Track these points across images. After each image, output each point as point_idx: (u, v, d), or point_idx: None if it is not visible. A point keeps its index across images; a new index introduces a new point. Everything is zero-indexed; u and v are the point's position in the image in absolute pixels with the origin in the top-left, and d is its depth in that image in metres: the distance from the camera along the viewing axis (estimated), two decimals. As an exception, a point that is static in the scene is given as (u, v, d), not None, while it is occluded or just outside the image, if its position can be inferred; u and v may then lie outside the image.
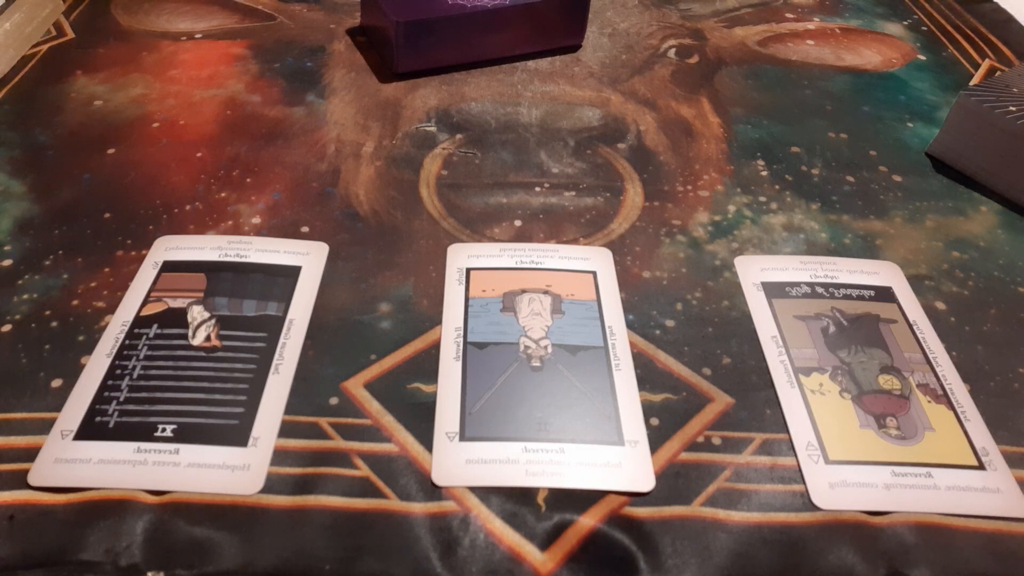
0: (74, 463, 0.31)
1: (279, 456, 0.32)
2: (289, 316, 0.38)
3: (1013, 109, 0.48)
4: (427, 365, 0.36)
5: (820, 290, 0.41)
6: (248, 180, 0.46)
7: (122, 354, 0.35)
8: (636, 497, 0.31)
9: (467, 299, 0.39)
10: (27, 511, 0.30)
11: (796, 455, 0.33)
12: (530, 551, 0.30)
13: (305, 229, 0.43)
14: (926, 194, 0.49)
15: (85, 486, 0.30)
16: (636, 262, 0.42)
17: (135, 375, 0.34)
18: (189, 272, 0.39)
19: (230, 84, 0.55)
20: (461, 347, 0.37)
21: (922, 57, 0.64)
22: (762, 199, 0.47)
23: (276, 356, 0.36)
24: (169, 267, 0.40)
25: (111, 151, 0.48)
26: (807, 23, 0.68)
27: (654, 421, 0.34)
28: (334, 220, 0.44)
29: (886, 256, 0.44)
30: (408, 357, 0.36)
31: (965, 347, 0.39)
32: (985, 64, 0.63)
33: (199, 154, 0.48)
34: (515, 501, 0.31)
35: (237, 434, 0.32)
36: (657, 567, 0.29)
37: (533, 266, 0.41)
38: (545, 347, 0.37)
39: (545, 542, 0.30)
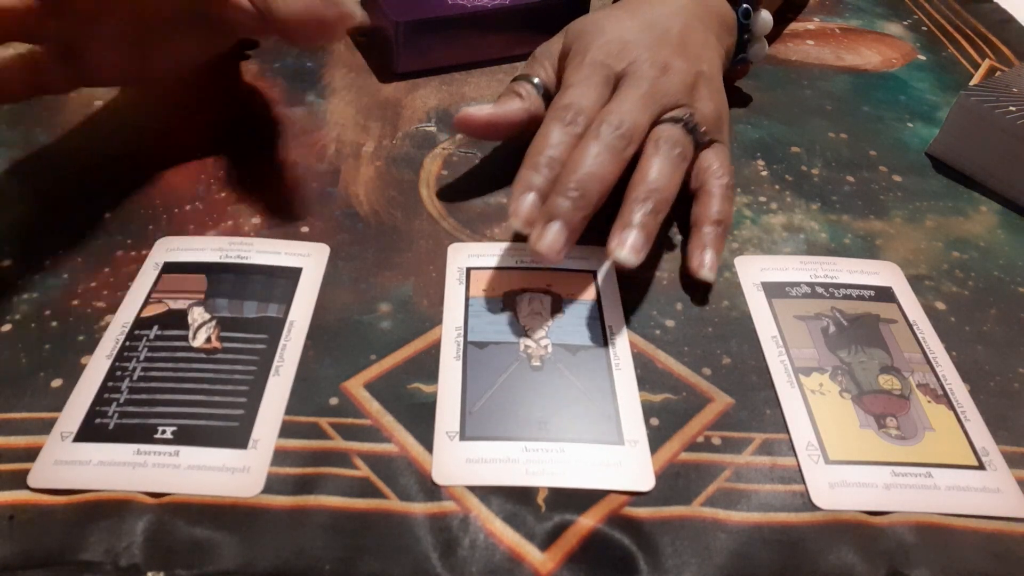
0: (73, 465, 0.31)
1: (279, 456, 0.32)
2: (290, 318, 0.37)
3: (1013, 109, 0.48)
4: (427, 365, 0.36)
5: (820, 290, 0.41)
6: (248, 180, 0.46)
7: (122, 356, 0.35)
8: (636, 497, 0.31)
9: (467, 299, 0.39)
10: (27, 511, 0.30)
11: (796, 455, 0.33)
12: (530, 551, 0.30)
13: (305, 229, 0.43)
14: (926, 194, 0.49)
15: (85, 488, 0.30)
16: (636, 262, 0.42)
17: (135, 377, 0.34)
18: (190, 273, 0.39)
19: (230, 84, 0.55)
20: (461, 347, 0.37)
21: (922, 57, 0.64)
22: (762, 199, 0.47)
23: (276, 358, 0.36)
24: (170, 268, 0.40)
25: (111, 151, 0.48)
26: (807, 23, 0.68)
27: (654, 421, 0.34)
28: (334, 220, 0.44)
29: (886, 256, 0.44)
30: (408, 357, 0.36)
31: (965, 347, 0.39)
32: (985, 64, 0.63)
33: (199, 154, 0.48)
34: (515, 501, 0.31)
35: (237, 436, 0.32)
36: (657, 567, 0.29)
37: (533, 266, 0.41)
38: (545, 347, 0.37)
39: (545, 542, 0.30)
